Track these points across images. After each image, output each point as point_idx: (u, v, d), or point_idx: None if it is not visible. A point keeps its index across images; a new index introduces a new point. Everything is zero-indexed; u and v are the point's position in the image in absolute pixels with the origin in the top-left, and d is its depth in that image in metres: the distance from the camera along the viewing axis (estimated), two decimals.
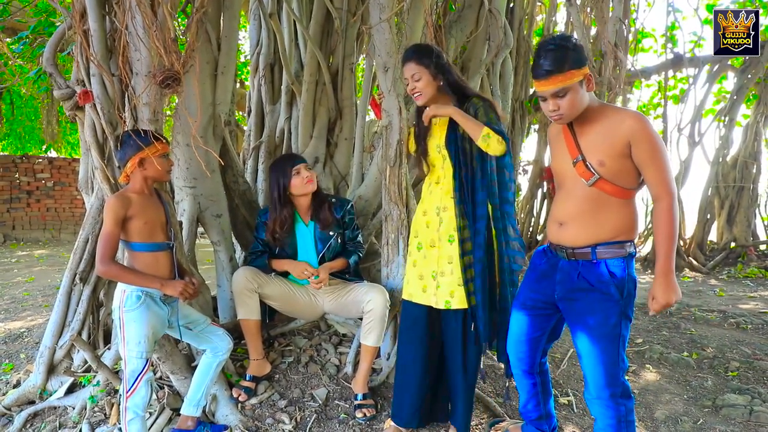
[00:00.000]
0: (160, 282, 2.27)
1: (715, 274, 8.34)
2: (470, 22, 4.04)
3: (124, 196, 2.26)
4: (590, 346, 2.01)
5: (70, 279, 2.98)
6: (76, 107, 2.80)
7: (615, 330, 1.96)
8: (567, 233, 2.05)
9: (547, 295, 2.15)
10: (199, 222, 3.28)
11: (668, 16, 8.09)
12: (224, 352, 2.55)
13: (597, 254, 1.98)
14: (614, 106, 2.05)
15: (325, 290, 3.01)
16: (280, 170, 2.97)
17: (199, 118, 3.09)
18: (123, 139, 2.32)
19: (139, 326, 2.23)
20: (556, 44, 1.89)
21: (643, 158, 1.89)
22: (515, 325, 2.31)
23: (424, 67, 2.52)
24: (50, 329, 3.01)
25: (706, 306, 5.83)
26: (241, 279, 2.87)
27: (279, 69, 4.64)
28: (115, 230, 2.18)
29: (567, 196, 2.07)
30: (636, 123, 1.87)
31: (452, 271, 2.48)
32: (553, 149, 2.17)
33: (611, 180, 1.94)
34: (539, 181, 9.99)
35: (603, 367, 1.99)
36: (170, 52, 2.48)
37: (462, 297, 2.46)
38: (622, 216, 1.98)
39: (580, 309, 2.03)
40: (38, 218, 11.55)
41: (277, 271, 3.01)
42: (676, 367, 3.85)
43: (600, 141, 1.95)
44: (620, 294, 1.95)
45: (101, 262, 2.16)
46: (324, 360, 3.21)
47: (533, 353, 2.31)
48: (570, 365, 3.71)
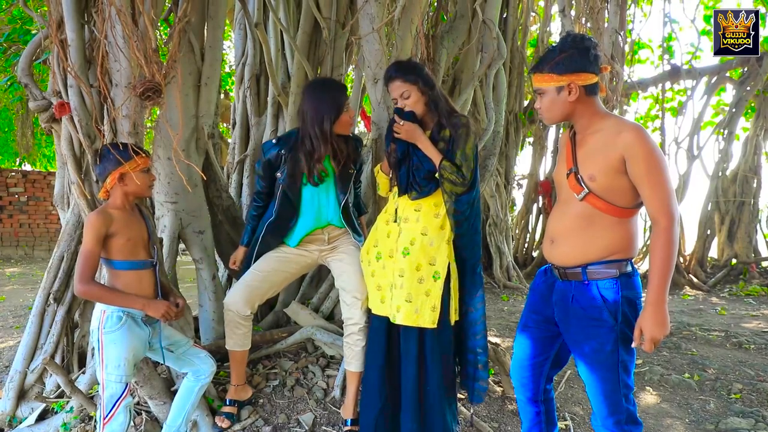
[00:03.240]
0: (143, 302, 2.24)
1: (716, 291, 8.40)
2: (463, 33, 4.08)
3: (105, 212, 2.24)
4: (589, 373, 1.98)
5: (44, 299, 2.95)
6: (53, 119, 2.80)
7: (612, 357, 1.91)
8: (558, 251, 2.04)
9: (548, 316, 2.14)
10: (180, 239, 3.27)
11: (665, 26, 8.28)
12: (207, 376, 2.52)
13: (588, 274, 1.94)
14: (617, 116, 2.01)
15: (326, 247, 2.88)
16: (335, 99, 2.68)
17: (181, 130, 3.09)
18: (102, 153, 2.31)
19: (119, 349, 2.20)
20: (560, 43, 1.94)
21: (639, 175, 1.82)
22: (518, 348, 2.27)
23: (411, 84, 2.54)
24: (21, 352, 2.97)
25: (707, 325, 5.85)
26: (238, 304, 2.73)
27: (265, 80, 4.66)
28: (95, 248, 2.16)
29: (561, 211, 2.05)
30: (632, 136, 1.81)
31: (402, 285, 2.50)
32: (559, 158, 2.17)
33: (602, 196, 1.90)
34: (534, 195, 10.05)
35: (603, 396, 1.96)
36: (151, 63, 2.49)
37: (408, 313, 2.48)
38: (616, 234, 1.92)
39: (575, 336, 2.00)
40: (10, 234, 11.44)
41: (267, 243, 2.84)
42: (677, 390, 3.86)
43: (595, 153, 1.91)
44: (614, 319, 1.89)
45: (81, 281, 2.13)
46: (311, 383, 3.19)
47: (537, 379, 2.25)
48: (567, 387, 3.70)
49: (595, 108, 1.97)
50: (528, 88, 9.34)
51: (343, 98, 2.70)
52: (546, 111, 2.00)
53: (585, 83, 1.92)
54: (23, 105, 10.97)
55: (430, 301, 2.49)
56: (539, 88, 1.97)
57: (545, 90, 1.95)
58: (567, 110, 1.97)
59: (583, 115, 1.98)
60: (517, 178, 10.18)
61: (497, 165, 8.59)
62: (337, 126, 2.69)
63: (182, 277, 4.44)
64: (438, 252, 2.53)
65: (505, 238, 8.84)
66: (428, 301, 2.49)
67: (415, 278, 2.50)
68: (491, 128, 3.93)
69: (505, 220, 8.95)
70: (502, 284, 8.36)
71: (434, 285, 2.50)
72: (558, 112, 1.98)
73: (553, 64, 1.90)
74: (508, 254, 8.81)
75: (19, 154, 13.08)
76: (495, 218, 8.74)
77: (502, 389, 3.40)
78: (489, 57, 3.91)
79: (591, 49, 1.90)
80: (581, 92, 1.93)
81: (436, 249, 2.53)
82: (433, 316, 2.48)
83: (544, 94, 1.97)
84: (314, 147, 2.68)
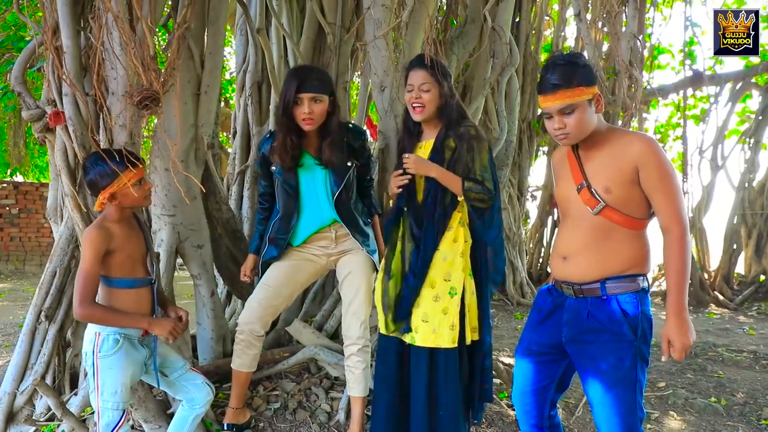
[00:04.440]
0: (147, 321, 2.20)
1: (744, 310, 8.31)
2: (473, 38, 4.11)
3: (104, 227, 2.18)
4: (604, 393, 1.97)
5: (35, 316, 2.96)
6: (46, 129, 2.82)
7: (631, 373, 1.93)
8: (573, 268, 2.04)
9: (554, 338, 2.12)
10: (178, 253, 3.28)
11: (686, 30, 8.23)
12: (202, 405, 2.44)
13: (607, 289, 1.97)
14: (622, 129, 2.07)
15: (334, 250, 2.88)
16: (286, 87, 2.68)
17: (180, 140, 3.11)
18: (86, 165, 2.23)
19: (116, 374, 2.15)
20: (566, 60, 1.94)
21: (651, 184, 1.90)
22: (519, 374, 2.25)
23: (436, 81, 2.55)
24: (11, 372, 2.98)
25: (734, 346, 5.80)
26: (253, 324, 2.74)
27: (267, 88, 4.69)
28: (95, 267, 2.10)
29: (572, 227, 2.07)
30: (644, 146, 1.89)
31: (418, 304, 2.50)
32: (557, 176, 2.20)
33: (618, 208, 1.95)
34: (549, 208, 10.02)
35: (619, 417, 1.95)
36: (149, 70, 2.50)
37: (425, 333, 2.47)
38: (633, 247, 1.97)
39: (592, 352, 2.00)
40: (1, 248, 11.49)
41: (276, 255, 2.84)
42: (702, 415, 3.82)
43: (606, 166, 1.96)
44: (634, 334, 1.93)
45: (81, 304, 2.07)
46: (314, 406, 3.18)
47: (540, 405, 2.22)
48: (585, 411, 3.67)
49: (600, 121, 2.02)
50: None
51: (293, 89, 2.61)
52: (576, 127, 1.95)
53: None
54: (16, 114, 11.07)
55: (448, 320, 2.48)
56: (571, 104, 1.92)
57: (577, 104, 1.92)
58: (593, 124, 1.98)
59: (592, 128, 2.00)
60: (531, 189, 10.16)
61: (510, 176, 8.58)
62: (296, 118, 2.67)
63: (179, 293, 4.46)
64: (453, 267, 2.53)
65: (518, 253, 8.80)
66: (446, 320, 2.48)
67: (431, 296, 2.50)
68: (503, 137, 3.94)
69: (519, 233, 8.92)
70: (516, 301, 8.31)
71: (451, 302, 2.50)
72: (588, 128, 1.97)
73: (580, 77, 1.91)
74: (522, 270, 8.77)
75: (10, 165, 13.17)
76: (508, 232, 8.71)
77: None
78: (501, 63, 3.93)
79: (588, 62, 1.98)
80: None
81: (450, 264, 2.54)
82: (452, 334, 2.48)
83: (572, 112, 1.93)
84: (274, 135, 2.77)
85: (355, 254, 2.87)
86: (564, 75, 1.92)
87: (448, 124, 2.59)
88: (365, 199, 3.00)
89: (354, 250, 2.87)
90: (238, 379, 2.83)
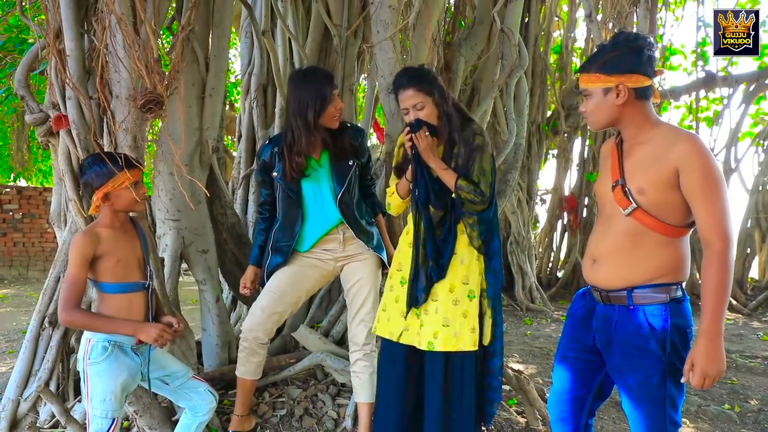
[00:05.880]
0: (132, 326, 2.17)
1: (758, 315, 8.26)
2: (482, 40, 4.11)
3: (92, 232, 2.19)
4: (632, 408, 1.91)
5: (39, 322, 2.97)
6: (50, 133, 2.84)
7: (659, 391, 1.85)
8: (600, 272, 1.96)
9: (589, 344, 2.04)
10: (182, 258, 3.28)
11: (698, 31, 8.20)
12: (205, 413, 2.44)
13: (633, 299, 1.87)
14: (671, 125, 1.94)
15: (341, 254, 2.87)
16: (318, 89, 2.66)
17: (184, 144, 3.12)
18: (83, 165, 2.25)
19: (105, 381, 2.14)
20: (610, 42, 1.90)
21: (692, 190, 1.76)
22: (556, 380, 2.18)
23: (426, 94, 2.51)
24: (14, 379, 2.99)
25: (748, 352, 5.77)
26: (257, 332, 2.74)
27: (272, 90, 4.70)
28: (81, 273, 2.12)
29: (604, 228, 1.98)
30: (688, 147, 1.76)
31: (437, 309, 2.49)
32: (601, 168, 2.11)
33: (652, 212, 1.83)
34: (559, 211, 9.99)
35: None
36: (153, 73, 2.52)
37: (446, 338, 2.46)
38: (664, 254, 1.86)
39: (618, 365, 1.93)
40: (4, 254, 11.55)
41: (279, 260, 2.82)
42: (716, 422, 3.79)
43: (645, 165, 1.85)
44: (662, 350, 1.83)
45: (64, 309, 2.08)
46: (320, 413, 3.18)
47: (577, 414, 2.14)
48: None
49: (646, 114, 1.90)
50: (551, 97, 9.35)
51: (329, 88, 2.67)
52: (591, 114, 1.93)
53: (635, 86, 1.85)
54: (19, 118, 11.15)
55: (469, 323, 2.47)
56: (585, 89, 1.92)
57: (591, 91, 1.90)
58: (614, 115, 1.90)
59: (632, 122, 1.91)
60: (540, 193, 10.15)
61: (519, 179, 8.56)
62: (323, 118, 2.68)
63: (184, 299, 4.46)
64: (470, 270, 2.53)
65: (527, 258, 8.78)
66: (467, 323, 2.47)
67: (450, 300, 2.49)
68: (512, 140, 3.92)
69: (528, 238, 8.90)
70: (525, 306, 8.28)
71: (471, 305, 2.49)
72: (604, 116, 1.91)
73: (601, 64, 1.86)
74: (531, 274, 8.75)
75: (13, 169, 13.26)
76: (517, 236, 8.70)
77: (526, 420, 3.36)
78: (509, 65, 3.92)
79: (645, 48, 1.84)
80: (630, 95, 1.85)
81: (467, 267, 2.53)
82: (473, 337, 2.46)
83: (590, 96, 1.92)
84: (294, 139, 2.69)
85: (362, 260, 2.87)
86: (592, 58, 1.90)
87: (453, 132, 2.57)
88: (368, 198, 3.00)
89: (362, 256, 2.87)
90: (243, 386, 2.84)
